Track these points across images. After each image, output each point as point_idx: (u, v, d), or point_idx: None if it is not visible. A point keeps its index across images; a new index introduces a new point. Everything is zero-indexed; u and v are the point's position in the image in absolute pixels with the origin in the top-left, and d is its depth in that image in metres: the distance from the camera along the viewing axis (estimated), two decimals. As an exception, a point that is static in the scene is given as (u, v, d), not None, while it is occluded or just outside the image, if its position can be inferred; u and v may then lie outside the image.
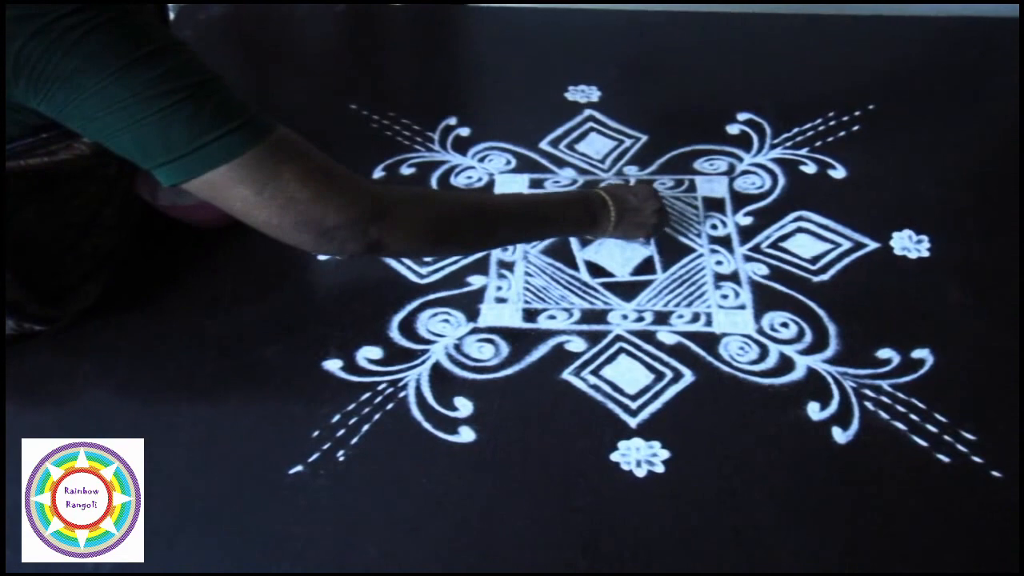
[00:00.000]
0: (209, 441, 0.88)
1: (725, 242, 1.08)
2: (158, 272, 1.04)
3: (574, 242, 1.07)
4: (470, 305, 1.01)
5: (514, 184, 1.17)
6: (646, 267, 1.05)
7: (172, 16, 1.52)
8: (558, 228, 1.02)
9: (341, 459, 0.86)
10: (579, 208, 1.00)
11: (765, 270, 1.04)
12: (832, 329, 0.97)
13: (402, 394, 0.92)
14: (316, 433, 0.88)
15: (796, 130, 1.25)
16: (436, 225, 0.86)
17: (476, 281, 1.04)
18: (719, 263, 1.06)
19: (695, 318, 0.99)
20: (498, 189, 1.17)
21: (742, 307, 1.00)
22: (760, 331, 0.97)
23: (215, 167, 0.71)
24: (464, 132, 1.27)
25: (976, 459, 0.85)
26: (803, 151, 1.21)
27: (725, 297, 1.01)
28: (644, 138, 1.25)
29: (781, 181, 1.17)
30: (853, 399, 0.90)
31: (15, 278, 0.87)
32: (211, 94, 0.71)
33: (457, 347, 0.96)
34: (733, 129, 1.26)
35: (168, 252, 1.06)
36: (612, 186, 1.06)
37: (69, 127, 0.73)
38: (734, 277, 1.04)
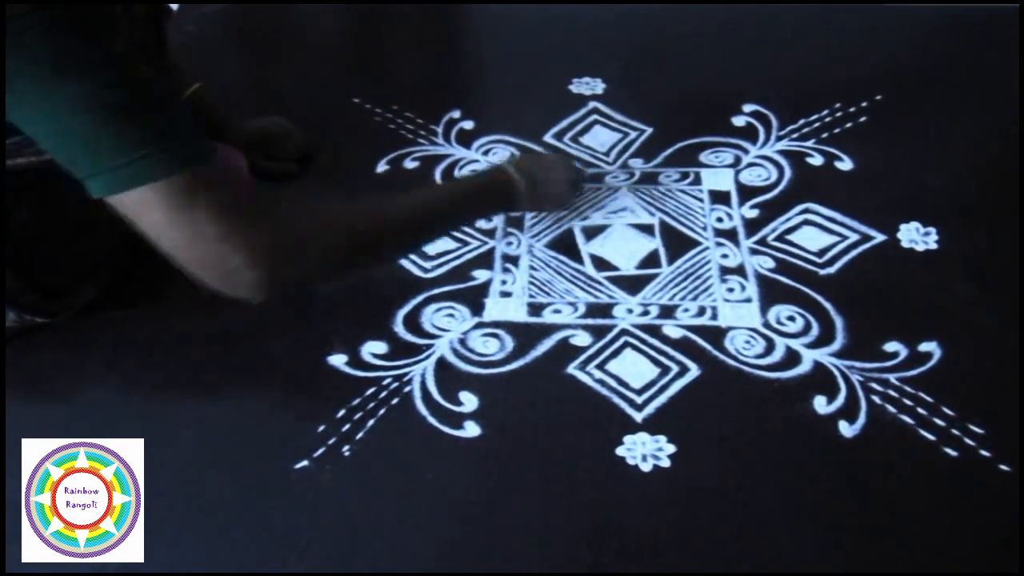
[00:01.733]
0: (214, 436, 0.88)
1: (731, 235, 1.08)
2: (162, 267, 1.03)
3: (579, 235, 1.07)
4: (475, 299, 1.01)
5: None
6: (651, 260, 1.05)
7: (175, 8, 1.51)
8: (471, 214, 1.02)
9: (346, 454, 0.86)
10: (491, 192, 1.00)
11: (771, 263, 1.04)
12: (839, 322, 0.96)
13: (407, 389, 0.92)
14: (321, 428, 0.88)
15: (802, 122, 1.24)
16: (348, 256, 0.84)
17: (481, 275, 1.03)
18: (725, 256, 1.05)
19: (701, 312, 0.99)
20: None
21: (748, 300, 1.00)
22: (766, 325, 0.97)
23: (137, 185, 0.69)
24: (468, 125, 1.26)
25: (984, 453, 0.84)
26: (809, 143, 1.21)
27: (731, 290, 1.01)
28: (649, 131, 1.24)
29: (787, 173, 1.16)
30: (860, 393, 0.89)
31: (13, 271, 0.86)
32: (148, 111, 0.69)
33: (462, 341, 0.96)
34: (739, 121, 1.25)
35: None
36: (522, 158, 1.06)
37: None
38: (740, 270, 1.03)
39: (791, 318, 0.97)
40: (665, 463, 0.84)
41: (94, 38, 0.67)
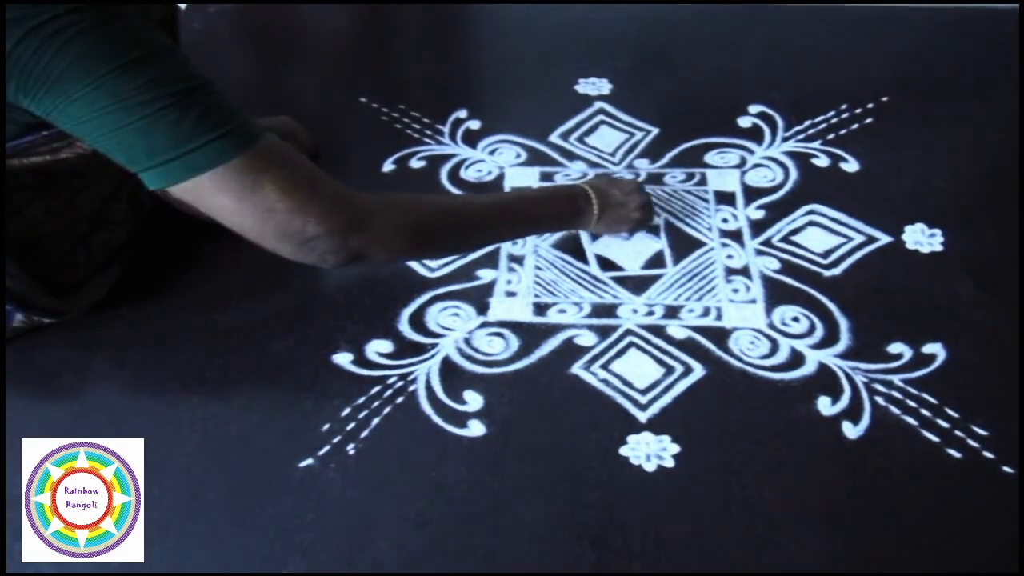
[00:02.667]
0: (220, 434, 0.89)
1: (736, 236, 1.08)
2: (169, 266, 1.05)
3: (584, 236, 1.07)
4: (480, 299, 1.01)
5: (524, 178, 1.17)
6: (656, 261, 1.05)
7: (183, 8, 1.52)
8: (541, 225, 1.02)
9: (351, 452, 0.86)
10: (562, 203, 1.00)
11: (776, 264, 1.04)
12: (843, 324, 0.96)
13: (412, 388, 0.92)
14: (326, 426, 0.88)
15: (808, 123, 1.24)
16: (416, 233, 0.86)
17: (486, 275, 1.04)
18: (730, 257, 1.05)
19: (705, 312, 0.99)
20: (508, 183, 1.17)
21: (753, 301, 1.00)
22: (771, 325, 0.97)
23: (197, 174, 0.72)
24: (474, 125, 1.26)
25: (988, 455, 0.84)
26: (815, 144, 1.21)
27: (736, 291, 1.01)
28: (655, 131, 1.25)
29: (793, 174, 1.16)
30: (864, 394, 0.89)
31: (24, 272, 0.87)
32: (198, 101, 0.71)
33: (467, 341, 0.97)
34: (744, 122, 1.25)
35: (178, 246, 1.07)
36: (596, 179, 1.06)
37: (59, 128, 0.73)
38: (745, 271, 1.03)
39: (796, 319, 0.97)
40: (669, 463, 0.85)
41: (137, 33, 0.69)
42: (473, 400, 0.91)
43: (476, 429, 0.88)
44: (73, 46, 0.66)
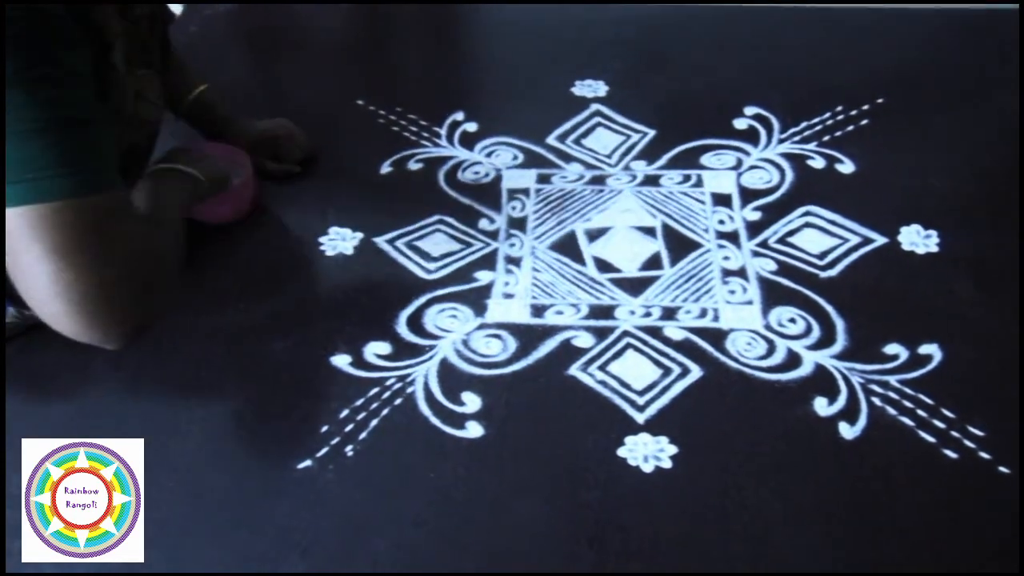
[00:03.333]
0: (217, 436, 0.89)
1: (732, 237, 1.08)
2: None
3: (582, 237, 1.07)
4: (478, 300, 1.01)
5: (521, 179, 1.18)
6: (653, 262, 1.05)
7: (180, 10, 1.52)
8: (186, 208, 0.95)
9: (349, 454, 0.86)
10: (179, 181, 0.94)
11: (773, 265, 1.04)
12: (840, 324, 0.97)
13: (410, 389, 0.92)
14: (324, 428, 0.89)
15: (804, 124, 1.25)
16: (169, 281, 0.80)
17: (483, 276, 1.04)
18: (726, 258, 1.06)
19: (702, 313, 0.99)
20: (505, 184, 1.17)
21: (749, 303, 1.00)
22: (767, 327, 0.97)
23: (26, 203, 0.66)
24: (471, 127, 1.27)
25: (984, 455, 0.84)
26: (811, 145, 1.21)
27: (732, 292, 1.01)
28: (651, 133, 1.25)
29: (789, 176, 1.17)
30: (860, 395, 0.90)
31: None
32: (71, 136, 0.67)
33: (465, 342, 0.97)
34: (740, 123, 1.25)
35: (176, 247, 1.07)
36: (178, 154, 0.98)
37: None
38: (741, 272, 1.04)
39: (792, 320, 0.98)
40: (667, 464, 0.85)
41: (47, 54, 0.67)
42: (471, 401, 0.91)
43: (474, 430, 0.88)
44: None
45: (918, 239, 1.06)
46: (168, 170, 0.95)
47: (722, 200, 1.14)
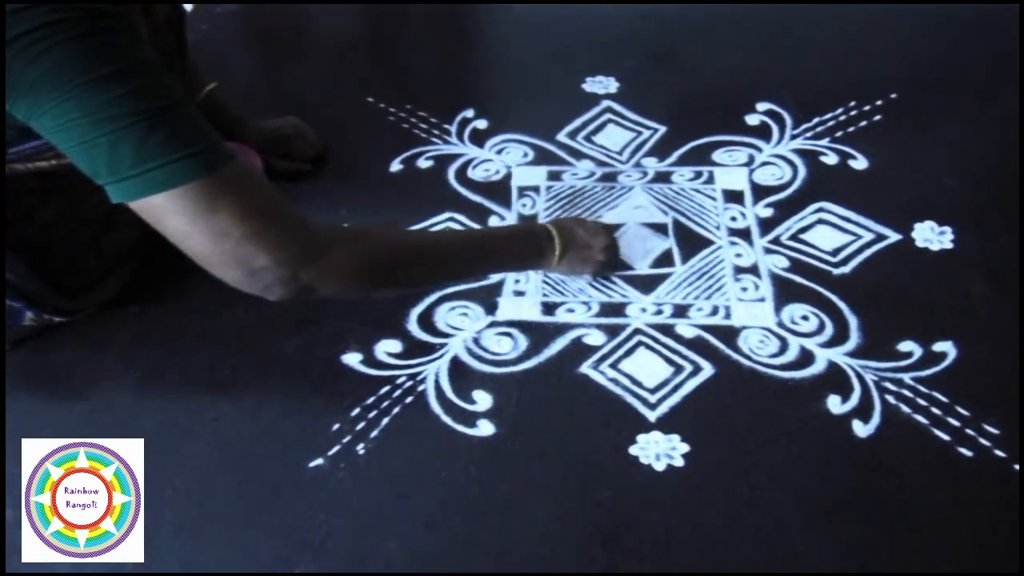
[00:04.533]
0: (230, 434, 0.89)
1: (744, 234, 1.08)
2: (179, 267, 1.04)
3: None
4: (488, 298, 1.01)
5: (532, 176, 1.17)
6: (665, 260, 1.05)
7: (190, 8, 1.52)
8: (502, 263, 0.99)
9: (361, 452, 0.87)
10: (524, 243, 0.98)
11: (785, 262, 1.04)
12: (853, 322, 0.96)
13: (421, 387, 0.92)
14: (336, 426, 0.89)
15: (816, 120, 1.24)
16: (371, 271, 0.83)
17: (494, 275, 1.04)
18: (738, 255, 1.05)
19: (714, 311, 0.99)
20: (516, 181, 1.17)
21: (762, 300, 1.00)
22: (780, 324, 0.97)
23: (154, 192, 0.70)
24: (481, 124, 1.26)
25: (999, 453, 0.84)
26: (824, 141, 1.20)
27: (745, 290, 1.01)
28: (662, 129, 1.24)
29: (801, 172, 1.16)
30: (874, 392, 0.89)
31: (33, 273, 0.87)
32: (166, 121, 0.69)
33: (475, 340, 0.97)
34: (752, 120, 1.25)
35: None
36: (561, 220, 1.02)
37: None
38: (754, 270, 1.03)
39: (805, 317, 0.97)
40: (679, 462, 0.85)
41: (117, 47, 0.68)
42: (482, 400, 0.91)
43: (485, 429, 0.88)
44: (48, 57, 0.65)
45: (932, 236, 1.06)
46: (544, 234, 0.98)
47: (734, 197, 1.13)
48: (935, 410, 0.87)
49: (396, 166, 1.20)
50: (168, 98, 0.70)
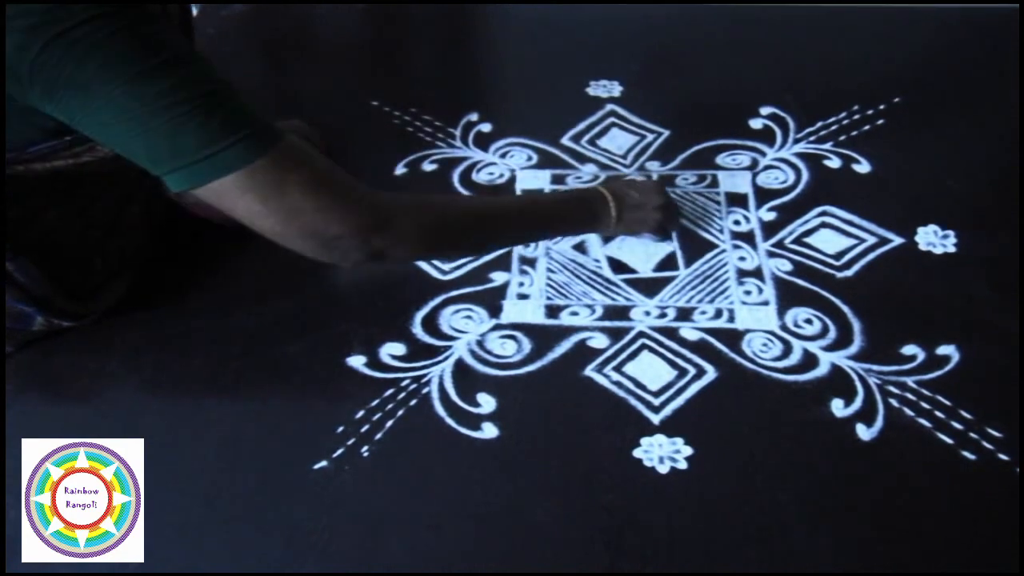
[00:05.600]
0: (234, 437, 0.89)
1: (748, 238, 1.08)
2: (184, 270, 1.05)
3: (596, 238, 1.07)
4: (493, 301, 1.01)
5: (536, 180, 1.17)
6: (668, 263, 1.05)
7: (195, 12, 1.53)
8: (559, 227, 1.02)
9: (365, 455, 0.87)
10: (579, 206, 1.00)
11: (789, 266, 1.04)
12: (856, 325, 0.96)
13: (425, 390, 0.92)
14: (340, 429, 0.89)
15: (820, 124, 1.24)
16: (437, 233, 0.88)
17: (498, 277, 1.04)
18: (742, 259, 1.05)
19: (718, 314, 0.99)
20: (520, 185, 1.17)
21: (765, 303, 1.00)
22: (783, 327, 0.97)
23: (221, 176, 0.72)
24: (486, 128, 1.27)
25: (1002, 456, 0.84)
26: (827, 145, 1.21)
27: (748, 293, 1.01)
28: (666, 133, 1.25)
29: (805, 176, 1.16)
30: (877, 396, 0.89)
31: (42, 275, 0.88)
32: (220, 104, 0.72)
33: (480, 343, 0.97)
34: (756, 123, 1.25)
35: (193, 250, 1.07)
36: (614, 182, 1.05)
37: (83, 133, 0.74)
38: (757, 273, 1.03)
39: (808, 321, 0.97)
40: (682, 465, 0.85)
41: (160, 37, 0.70)
42: (486, 402, 0.91)
43: (489, 431, 0.88)
44: (98, 52, 0.66)
45: (935, 239, 1.06)
46: (599, 196, 1.01)
47: (737, 200, 1.13)
48: (938, 414, 0.87)
49: (401, 169, 1.20)
50: (217, 82, 0.73)
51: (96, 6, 0.66)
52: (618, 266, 1.05)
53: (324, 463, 0.86)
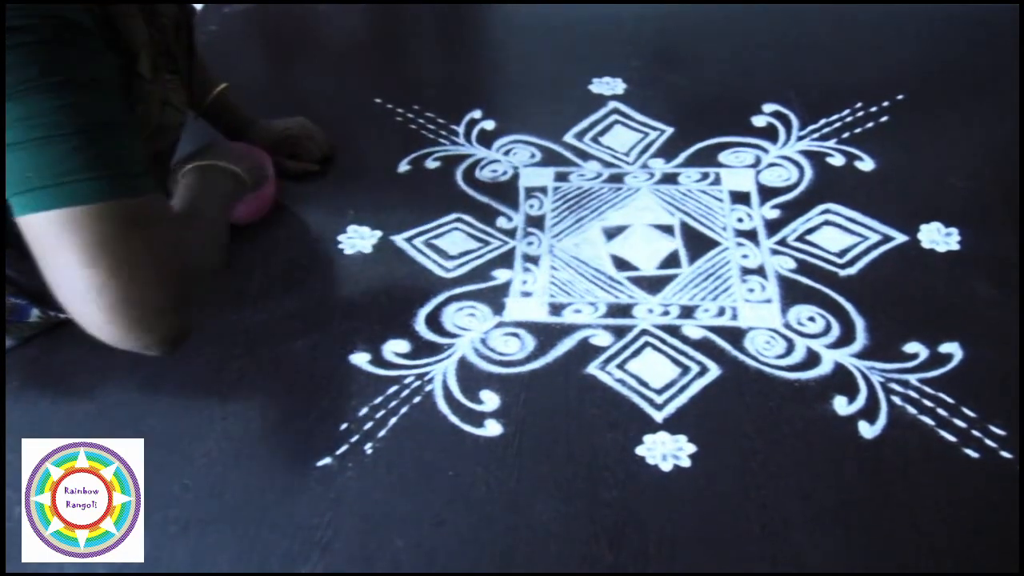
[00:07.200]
0: (238, 434, 0.89)
1: (751, 235, 1.08)
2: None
3: (600, 235, 1.07)
4: (496, 299, 1.01)
5: (539, 177, 1.18)
6: (671, 261, 1.05)
7: (199, 8, 1.53)
8: (224, 216, 0.93)
9: (368, 452, 0.87)
10: (214, 184, 0.94)
11: (792, 264, 1.04)
12: (859, 323, 0.96)
13: (428, 387, 0.92)
14: (344, 426, 0.89)
15: (823, 121, 1.24)
16: (187, 282, 0.75)
17: (502, 275, 1.04)
18: (745, 257, 1.05)
19: (721, 312, 0.99)
20: (523, 182, 1.17)
21: (768, 301, 1.00)
22: (787, 325, 0.97)
23: (70, 205, 0.65)
24: (488, 125, 1.27)
25: (1006, 454, 0.84)
26: (830, 143, 1.21)
27: (751, 291, 1.01)
28: (669, 130, 1.25)
29: (808, 173, 1.16)
30: (880, 394, 0.89)
31: (36, 268, 0.88)
32: (100, 140, 0.67)
33: (483, 341, 0.97)
34: (759, 121, 1.25)
35: (196, 246, 1.07)
36: (199, 156, 0.96)
37: None
38: (760, 271, 1.03)
39: (811, 319, 0.97)
40: (685, 463, 0.85)
41: (76, 58, 0.67)
42: (490, 400, 0.91)
43: (493, 429, 0.88)
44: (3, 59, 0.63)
45: (939, 237, 1.06)
46: (211, 167, 0.95)
47: (740, 198, 1.13)
48: (941, 411, 0.87)
49: (404, 166, 1.20)
50: (110, 120, 0.68)
51: (25, 16, 0.63)
52: (621, 264, 1.05)
53: (328, 460, 0.86)
